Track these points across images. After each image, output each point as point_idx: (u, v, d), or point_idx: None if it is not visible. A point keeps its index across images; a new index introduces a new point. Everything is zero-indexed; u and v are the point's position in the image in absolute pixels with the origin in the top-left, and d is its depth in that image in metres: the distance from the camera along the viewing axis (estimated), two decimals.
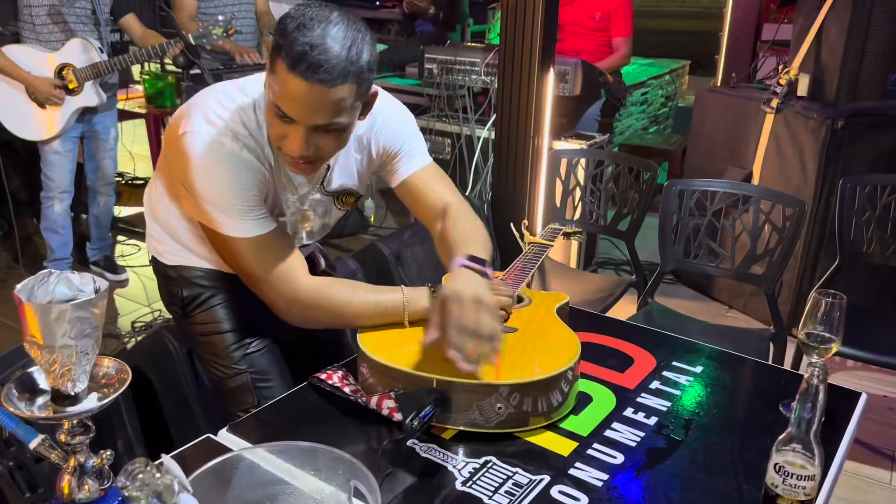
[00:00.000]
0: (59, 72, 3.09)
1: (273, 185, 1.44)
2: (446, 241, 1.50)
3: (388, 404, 1.31)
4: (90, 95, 3.16)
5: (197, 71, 3.08)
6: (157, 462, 0.83)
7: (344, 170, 1.54)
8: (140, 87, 4.94)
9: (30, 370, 0.93)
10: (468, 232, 1.50)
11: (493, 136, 3.44)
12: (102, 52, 3.14)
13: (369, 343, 1.39)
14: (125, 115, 4.45)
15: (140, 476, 0.79)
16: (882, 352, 2.27)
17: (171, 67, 4.69)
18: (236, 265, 1.43)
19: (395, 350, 1.36)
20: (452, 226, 1.52)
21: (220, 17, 3.08)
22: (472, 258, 1.38)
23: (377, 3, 7.86)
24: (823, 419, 1.09)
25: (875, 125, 2.97)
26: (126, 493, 0.78)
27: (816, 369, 1.06)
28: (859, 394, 1.46)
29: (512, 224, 2.15)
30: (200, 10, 3.54)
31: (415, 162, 1.57)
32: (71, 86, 3.09)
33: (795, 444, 1.08)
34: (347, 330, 1.79)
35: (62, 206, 3.37)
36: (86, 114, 3.27)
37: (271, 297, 1.42)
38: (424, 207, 1.59)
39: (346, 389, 1.38)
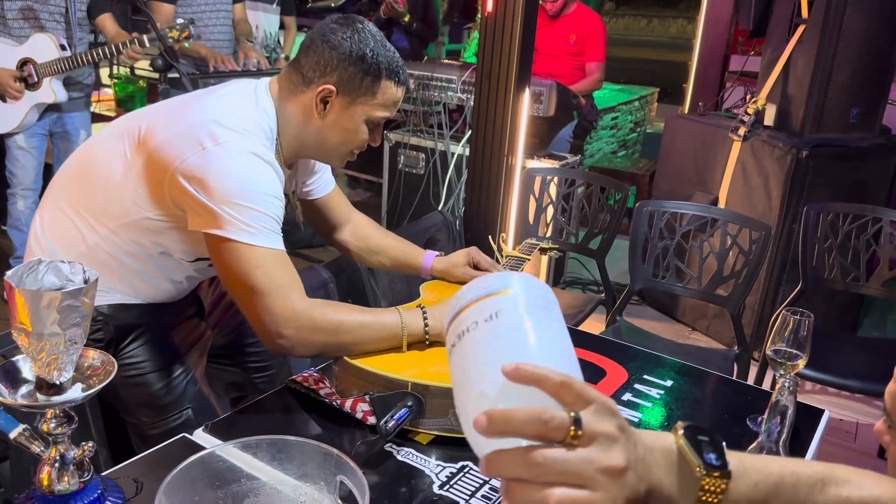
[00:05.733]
0: (21, 66, 3.06)
1: None
2: (387, 239, 1.84)
3: (363, 407, 1.31)
4: (48, 92, 3.12)
5: (174, 74, 3.05)
6: None
7: (292, 177, 1.66)
8: (110, 91, 4.91)
9: (13, 359, 0.92)
10: (390, 234, 1.87)
11: (467, 153, 3.48)
12: (66, 49, 3.10)
13: None
14: (95, 118, 4.40)
15: None
16: (840, 374, 2.33)
17: (140, 72, 4.66)
18: (239, 279, 1.34)
19: (371, 353, 1.37)
20: (377, 228, 1.86)
21: (179, 21, 3.06)
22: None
23: None
24: (791, 432, 1.13)
25: (838, 156, 3.07)
26: None
27: (787, 382, 1.10)
28: (823, 410, 1.51)
29: (490, 237, 2.18)
30: (178, 15, 3.53)
31: (329, 181, 1.79)
32: (30, 80, 3.05)
33: (765, 455, 1.12)
34: None
35: (25, 204, 3.32)
36: (52, 111, 3.22)
37: (268, 317, 1.33)
38: (335, 220, 1.82)
39: (322, 392, 1.39)
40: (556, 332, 0.65)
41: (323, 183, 1.76)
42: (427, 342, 1.42)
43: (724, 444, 0.62)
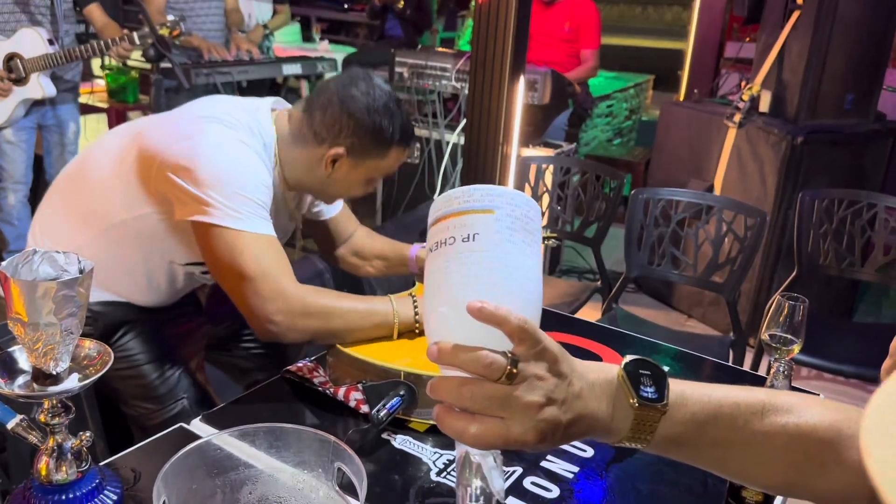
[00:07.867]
0: (7, 61, 3.04)
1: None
2: (376, 245, 1.80)
3: (356, 396, 1.32)
4: (35, 87, 3.11)
5: (167, 65, 3.04)
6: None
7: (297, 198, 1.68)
8: (102, 82, 4.88)
9: (10, 349, 0.92)
10: (380, 238, 1.84)
11: (462, 142, 3.47)
12: (53, 44, 3.08)
13: None
14: (87, 109, 4.38)
15: None
16: (835, 360, 2.34)
17: (132, 63, 4.63)
18: (227, 265, 1.34)
19: (364, 342, 1.38)
20: (372, 238, 1.83)
21: (170, 17, 3.05)
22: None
23: (345, 5, 7.87)
24: None
25: (833, 142, 3.07)
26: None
27: (782, 366, 1.10)
28: (817, 394, 1.51)
29: None
30: (169, 5, 3.51)
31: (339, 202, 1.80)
32: (17, 75, 3.04)
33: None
34: None
35: (16, 198, 3.31)
36: (40, 105, 3.20)
37: (257, 302, 1.33)
38: (339, 238, 1.81)
39: (316, 381, 1.39)
40: (527, 263, 0.67)
41: (333, 205, 1.77)
42: (417, 331, 1.42)
43: (666, 378, 0.67)
